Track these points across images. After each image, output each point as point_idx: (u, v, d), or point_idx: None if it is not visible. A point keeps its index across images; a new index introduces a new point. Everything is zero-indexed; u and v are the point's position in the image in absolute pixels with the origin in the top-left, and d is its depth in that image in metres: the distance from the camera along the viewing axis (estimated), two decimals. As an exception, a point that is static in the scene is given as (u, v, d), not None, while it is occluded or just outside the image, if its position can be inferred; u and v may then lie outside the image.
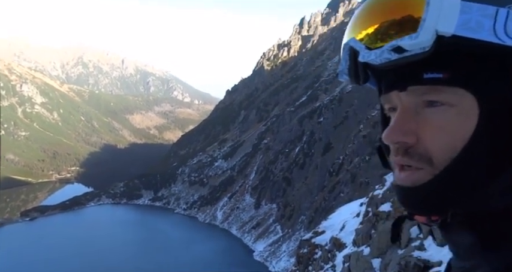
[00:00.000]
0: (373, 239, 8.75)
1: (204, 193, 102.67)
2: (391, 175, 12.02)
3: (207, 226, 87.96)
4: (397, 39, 0.45)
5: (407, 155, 0.50)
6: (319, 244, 12.27)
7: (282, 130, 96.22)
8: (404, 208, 0.53)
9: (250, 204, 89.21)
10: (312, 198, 73.06)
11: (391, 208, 8.87)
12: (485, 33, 0.42)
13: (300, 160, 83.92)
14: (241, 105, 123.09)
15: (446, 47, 0.43)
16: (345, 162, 71.02)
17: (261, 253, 70.60)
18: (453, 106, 0.46)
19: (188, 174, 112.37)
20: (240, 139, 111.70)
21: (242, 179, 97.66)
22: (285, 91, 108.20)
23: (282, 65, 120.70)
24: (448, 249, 0.55)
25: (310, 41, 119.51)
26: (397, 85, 0.49)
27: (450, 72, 0.45)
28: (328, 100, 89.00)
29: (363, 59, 0.50)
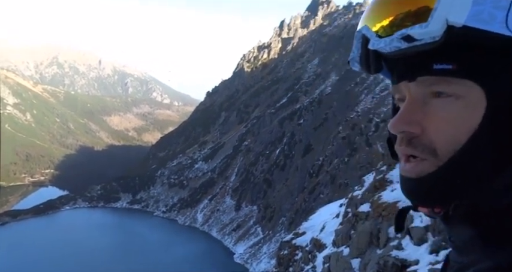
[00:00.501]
0: (352, 239, 8.85)
1: (184, 196, 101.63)
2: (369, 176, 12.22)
3: (187, 229, 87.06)
4: (408, 27, 0.45)
5: (411, 145, 0.50)
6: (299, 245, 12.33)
7: (262, 132, 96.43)
8: (409, 199, 0.53)
9: (231, 206, 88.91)
10: (292, 200, 73.47)
11: (370, 208, 9.00)
12: (497, 25, 0.42)
13: (280, 161, 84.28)
14: (221, 107, 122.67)
15: (457, 38, 0.43)
16: (324, 163, 71.78)
17: (242, 255, 70.43)
18: (460, 98, 0.46)
19: (168, 176, 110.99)
20: (221, 141, 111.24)
21: (223, 181, 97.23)
22: (265, 93, 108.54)
23: (262, 66, 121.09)
24: (448, 243, 0.55)
25: (290, 43, 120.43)
26: (406, 76, 0.49)
27: (460, 63, 0.45)
28: (308, 102, 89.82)
29: (372, 46, 0.50)
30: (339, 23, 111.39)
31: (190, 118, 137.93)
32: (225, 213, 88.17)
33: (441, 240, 6.14)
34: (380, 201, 8.68)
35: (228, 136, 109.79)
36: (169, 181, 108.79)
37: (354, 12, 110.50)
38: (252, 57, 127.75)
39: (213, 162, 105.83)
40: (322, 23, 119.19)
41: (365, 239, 8.15)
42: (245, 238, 76.90)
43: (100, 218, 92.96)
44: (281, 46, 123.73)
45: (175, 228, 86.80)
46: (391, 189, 9.35)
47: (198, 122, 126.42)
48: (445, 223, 0.53)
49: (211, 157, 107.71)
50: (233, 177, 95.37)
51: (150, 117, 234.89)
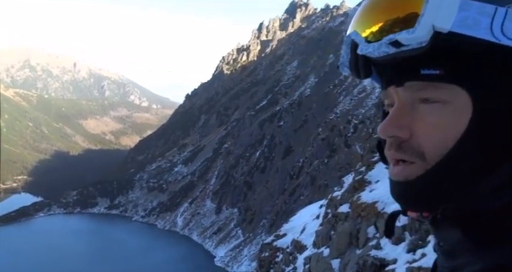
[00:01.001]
0: (332, 240, 8.91)
1: (164, 200, 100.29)
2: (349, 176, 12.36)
3: (166, 233, 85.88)
4: (396, 33, 0.46)
5: (401, 149, 0.51)
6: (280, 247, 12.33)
7: (242, 135, 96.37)
8: (398, 203, 0.54)
9: (211, 209, 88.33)
10: (272, 202, 73.66)
11: (350, 209, 9.08)
12: (482, 31, 0.43)
13: (260, 164, 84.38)
14: (201, 110, 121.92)
15: (444, 44, 0.44)
16: (304, 165, 72.33)
17: (222, 259, 70.04)
18: (448, 103, 0.47)
19: (147, 180, 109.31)
20: (200, 143, 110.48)
21: (203, 184, 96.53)
22: (245, 95, 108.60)
23: (241, 69, 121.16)
24: (436, 248, 0.56)
25: (269, 46, 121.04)
26: (394, 81, 0.50)
27: (447, 68, 0.45)
28: (288, 104, 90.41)
29: (361, 51, 0.50)
30: (317, 26, 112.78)
31: (169, 121, 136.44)
32: (205, 216, 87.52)
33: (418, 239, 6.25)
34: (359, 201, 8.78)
35: (207, 139, 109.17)
36: (148, 185, 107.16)
37: (331, 15, 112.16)
38: (231, 60, 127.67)
39: (193, 165, 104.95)
40: (301, 25, 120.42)
41: (345, 240, 8.22)
42: (226, 241, 76.52)
43: (76, 224, 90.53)
44: (260, 48, 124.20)
45: (154, 233, 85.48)
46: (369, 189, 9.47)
47: (178, 125, 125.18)
48: (433, 227, 0.53)
49: (191, 160, 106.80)
50: (213, 180, 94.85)
51: (128, 120, 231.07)
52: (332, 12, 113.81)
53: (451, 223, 0.50)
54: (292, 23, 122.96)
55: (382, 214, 7.52)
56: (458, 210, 0.48)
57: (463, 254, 0.49)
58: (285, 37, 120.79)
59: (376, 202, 8.07)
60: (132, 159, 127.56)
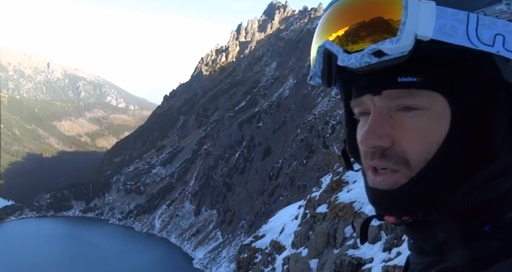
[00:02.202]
0: (310, 240, 8.97)
1: (141, 202, 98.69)
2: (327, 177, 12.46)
3: (144, 236, 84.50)
4: (378, 43, 0.45)
5: (384, 158, 0.50)
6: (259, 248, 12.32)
7: (221, 136, 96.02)
8: (378, 210, 0.53)
9: (190, 211, 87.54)
10: (252, 203, 73.67)
11: (327, 209, 9.18)
12: (459, 37, 0.43)
13: (240, 165, 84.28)
14: (179, 111, 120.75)
15: (422, 51, 0.44)
16: (283, 165, 72.70)
17: (201, 260, 69.50)
18: (426, 109, 0.47)
19: (124, 182, 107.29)
20: (179, 145, 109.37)
21: (182, 186, 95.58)
22: (224, 96, 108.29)
23: (220, 70, 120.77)
24: (409, 246, 0.56)
25: (248, 47, 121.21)
26: (371, 89, 0.49)
27: (424, 75, 0.46)
28: (267, 106, 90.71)
29: (342, 62, 0.48)
30: (295, 28, 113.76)
31: (147, 123, 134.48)
32: (184, 218, 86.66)
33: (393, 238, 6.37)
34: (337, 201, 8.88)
35: (186, 140, 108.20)
36: (126, 187, 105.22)
37: (309, 17, 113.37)
38: (210, 61, 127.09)
39: (172, 166, 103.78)
40: (279, 27, 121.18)
41: (322, 240, 8.29)
42: (205, 242, 75.98)
43: (50, 228, 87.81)
44: (239, 49, 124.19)
45: (132, 236, 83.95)
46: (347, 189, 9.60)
47: (156, 126, 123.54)
48: (410, 228, 0.53)
49: (170, 162, 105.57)
50: (192, 182, 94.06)
51: (105, 122, 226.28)
52: (310, 14, 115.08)
53: (430, 225, 0.50)
54: (271, 25, 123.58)
55: (359, 214, 7.63)
56: (439, 212, 0.49)
57: (436, 252, 0.50)
58: (264, 38, 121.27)
59: (354, 202, 8.19)
60: (109, 161, 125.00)
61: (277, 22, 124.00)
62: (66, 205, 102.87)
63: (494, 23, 0.44)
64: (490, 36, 0.43)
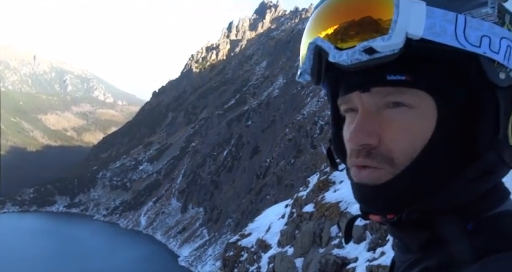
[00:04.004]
0: (296, 239, 9.04)
1: (127, 198, 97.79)
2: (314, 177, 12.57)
3: (129, 233, 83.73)
4: (369, 40, 0.46)
5: (370, 156, 0.50)
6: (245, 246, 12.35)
7: (210, 133, 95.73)
8: (363, 207, 0.54)
9: (177, 208, 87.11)
10: (239, 201, 73.68)
11: (314, 208, 9.25)
12: (448, 37, 0.44)
13: (228, 163, 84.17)
14: (168, 107, 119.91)
15: (411, 50, 0.45)
16: (271, 164, 72.86)
17: (187, 258, 69.22)
18: (413, 108, 0.47)
19: (110, 178, 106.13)
20: (167, 142, 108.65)
21: (168, 183, 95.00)
22: (213, 94, 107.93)
23: (210, 67, 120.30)
24: (394, 245, 0.57)
25: (239, 45, 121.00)
26: (360, 86, 0.49)
27: (412, 74, 0.46)
28: (256, 104, 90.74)
29: (333, 59, 0.48)
30: (286, 27, 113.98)
31: (135, 119, 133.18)
32: (170, 215, 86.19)
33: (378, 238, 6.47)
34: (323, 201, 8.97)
35: (174, 137, 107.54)
36: (112, 183, 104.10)
37: (300, 17, 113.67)
38: (200, 58, 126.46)
39: (159, 163, 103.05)
40: (270, 26, 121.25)
41: (308, 239, 8.36)
42: (190, 240, 75.70)
43: (32, 223, 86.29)
44: (229, 48, 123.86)
45: (116, 232, 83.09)
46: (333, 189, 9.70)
47: (144, 122, 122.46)
48: (393, 227, 0.54)
49: (157, 159, 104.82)
50: (179, 179, 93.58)
51: (92, 117, 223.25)
52: (301, 14, 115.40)
53: (415, 224, 0.50)
54: (262, 24, 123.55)
55: (345, 214, 7.72)
56: (423, 211, 0.49)
57: (421, 250, 0.50)
58: (255, 37, 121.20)
59: (340, 202, 8.27)
60: (95, 157, 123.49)
61: (268, 21, 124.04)
62: (49, 200, 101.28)
63: (481, 25, 0.45)
64: (477, 37, 0.44)
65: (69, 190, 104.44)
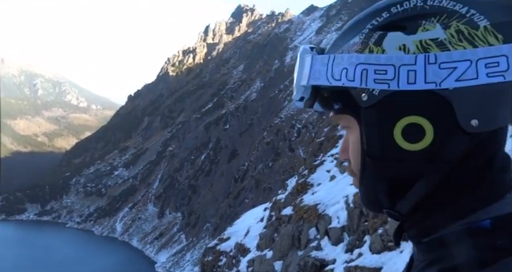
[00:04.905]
0: (275, 242, 9.04)
1: (102, 204, 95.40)
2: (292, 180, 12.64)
3: (104, 240, 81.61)
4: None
5: (349, 168, 0.61)
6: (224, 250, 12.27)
7: (187, 137, 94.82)
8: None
9: (153, 214, 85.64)
10: (217, 205, 73.17)
11: (293, 211, 9.29)
12: (322, 79, 0.55)
13: (205, 167, 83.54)
14: (144, 111, 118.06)
15: (327, 89, 0.56)
16: (249, 168, 72.82)
17: (164, 264, 68.07)
18: (349, 129, 0.58)
19: (83, 184, 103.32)
20: (143, 146, 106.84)
21: (145, 188, 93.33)
22: (190, 97, 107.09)
23: (187, 71, 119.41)
24: (414, 245, 0.60)
25: (216, 49, 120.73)
26: (325, 113, 0.66)
27: (340, 102, 0.57)
28: (234, 108, 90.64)
29: (296, 107, 0.64)
30: (263, 31, 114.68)
31: (109, 123, 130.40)
32: (147, 221, 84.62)
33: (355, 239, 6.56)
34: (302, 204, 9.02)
35: (151, 141, 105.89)
36: (86, 189, 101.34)
37: (277, 21, 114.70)
38: (176, 61, 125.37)
39: (135, 168, 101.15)
40: (247, 30, 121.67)
41: (287, 242, 8.39)
42: (168, 246, 74.52)
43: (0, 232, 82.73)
44: (206, 51, 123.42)
45: (91, 239, 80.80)
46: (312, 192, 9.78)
47: (119, 127, 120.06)
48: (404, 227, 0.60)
49: (133, 164, 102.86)
50: (156, 184, 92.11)
51: (64, 121, 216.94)
52: (277, 18, 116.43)
53: (413, 225, 0.57)
54: (239, 27, 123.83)
55: (323, 216, 7.79)
56: (399, 212, 0.56)
57: (438, 249, 0.52)
58: (231, 41, 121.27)
59: (318, 205, 8.34)
60: (68, 162, 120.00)
61: (245, 25, 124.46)
62: (19, 208, 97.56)
63: (342, 59, 0.53)
64: (339, 71, 0.53)
65: (40, 198, 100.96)
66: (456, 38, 0.48)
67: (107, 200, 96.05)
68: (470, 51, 0.47)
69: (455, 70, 0.47)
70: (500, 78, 0.47)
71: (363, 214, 6.64)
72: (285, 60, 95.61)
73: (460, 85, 0.47)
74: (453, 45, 0.48)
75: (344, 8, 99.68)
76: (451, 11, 0.49)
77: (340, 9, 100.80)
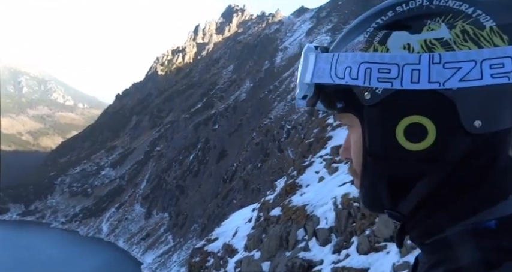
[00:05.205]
0: (263, 243, 9.02)
1: (88, 205, 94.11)
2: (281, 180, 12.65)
3: (89, 240, 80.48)
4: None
5: (350, 168, 0.61)
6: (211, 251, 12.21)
7: (176, 137, 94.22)
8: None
9: (140, 214, 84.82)
10: (205, 206, 72.87)
11: (281, 212, 9.29)
12: (326, 77, 0.54)
13: (194, 167, 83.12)
14: (132, 111, 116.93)
15: (330, 87, 0.56)
16: (238, 169, 72.72)
17: (150, 265, 67.46)
18: (352, 127, 0.58)
19: (69, 184, 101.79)
20: (131, 146, 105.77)
21: (132, 188, 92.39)
22: (180, 97, 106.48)
23: (176, 70, 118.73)
24: (420, 247, 0.60)
25: (205, 49, 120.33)
26: (329, 112, 0.63)
27: (344, 101, 0.56)
28: (223, 108, 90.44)
29: (298, 107, 0.63)
30: (253, 32, 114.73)
31: (97, 122, 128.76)
32: (133, 222, 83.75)
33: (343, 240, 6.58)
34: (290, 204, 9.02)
35: (139, 141, 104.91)
36: (71, 189, 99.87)
37: (267, 22, 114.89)
38: (166, 60, 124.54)
39: (122, 168, 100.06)
40: (237, 30, 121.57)
41: (275, 243, 8.38)
42: (155, 247, 73.88)
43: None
44: (196, 51, 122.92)
45: (76, 240, 79.59)
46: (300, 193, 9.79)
47: (106, 126, 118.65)
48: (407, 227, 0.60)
49: (120, 163, 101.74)
50: (144, 184, 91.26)
51: (50, 120, 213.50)
52: (268, 19, 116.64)
53: (415, 226, 0.56)
54: (229, 27, 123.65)
55: (311, 217, 7.80)
56: (400, 214, 0.56)
57: (442, 251, 0.51)
58: (221, 41, 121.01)
59: (306, 205, 8.36)
60: (53, 162, 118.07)
61: (235, 25, 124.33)
62: (1, 208, 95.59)
63: (346, 57, 0.53)
64: (342, 70, 0.53)
65: (24, 197, 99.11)
66: (461, 38, 0.48)
67: (93, 200, 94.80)
68: (475, 51, 0.47)
69: (459, 71, 0.47)
70: (505, 80, 0.46)
71: (350, 216, 6.68)
72: (275, 60, 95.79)
73: (464, 85, 0.47)
74: (458, 45, 0.48)
75: (334, 10, 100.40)
76: (456, 11, 0.49)
77: (330, 11, 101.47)
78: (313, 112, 22.36)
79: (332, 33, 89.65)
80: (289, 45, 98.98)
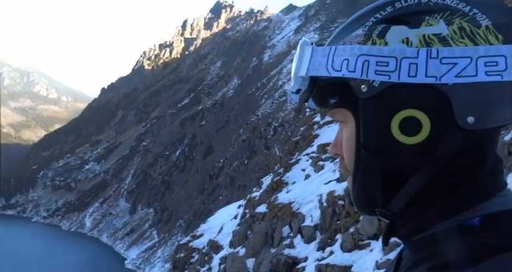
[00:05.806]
0: (248, 240, 9.07)
1: (71, 199, 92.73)
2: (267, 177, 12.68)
3: (72, 235, 79.36)
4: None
5: (341, 164, 0.60)
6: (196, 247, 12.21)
7: (162, 133, 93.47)
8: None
9: (125, 209, 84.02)
10: (191, 202, 72.62)
11: (267, 209, 9.34)
12: (322, 70, 0.54)
13: (180, 163, 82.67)
14: (118, 105, 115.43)
15: (325, 81, 0.55)
16: (225, 165, 72.64)
17: (134, 261, 66.96)
18: (345, 123, 0.57)
19: (52, 177, 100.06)
20: (116, 140, 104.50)
21: (117, 183, 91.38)
22: (166, 92, 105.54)
23: (163, 65, 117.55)
24: (404, 243, 0.60)
25: (193, 44, 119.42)
26: (325, 106, 0.60)
27: (337, 96, 0.56)
28: (211, 104, 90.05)
29: (290, 101, 0.62)
30: (242, 28, 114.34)
31: (81, 116, 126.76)
32: (118, 217, 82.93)
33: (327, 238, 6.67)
34: (276, 201, 9.08)
35: (124, 136, 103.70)
36: (54, 183, 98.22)
37: (256, 19, 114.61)
38: (153, 55, 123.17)
39: (107, 162, 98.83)
40: (225, 26, 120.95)
41: (260, 239, 8.43)
42: (139, 242, 73.32)
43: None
44: (184, 46, 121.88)
45: (58, 234, 78.34)
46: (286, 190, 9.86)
47: (91, 120, 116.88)
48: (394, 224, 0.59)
49: (105, 158, 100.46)
50: (129, 179, 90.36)
51: (32, 113, 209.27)
52: (256, 16, 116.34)
53: (404, 224, 0.56)
54: (217, 23, 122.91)
55: (297, 214, 7.87)
56: (391, 212, 0.55)
57: (427, 248, 0.52)
58: (210, 36, 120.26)
59: (292, 203, 8.42)
60: (36, 155, 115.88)
61: (224, 21, 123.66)
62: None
63: (344, 50, 0.53)
64: (340, 62, 0.52)
65: (5, 191, 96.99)
66: (458, 35, 0.49)
67: (77, 194, 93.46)
68: (471, 48, 0.48)
69: (455, 66, 0.48)
70: (498, 78, 0.47)
71: (335, 213, 6.76)
72: (263, 58, 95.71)
73: (460, 81, 0.48)
74: (455, 41, 0.49)
75: (322, 9, 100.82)
76: (454, 9, 0.50)
77: (318, 10, 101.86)
78: (301, 110, 22.44)
79: (320, 31, 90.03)
80: (278, 42, 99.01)
